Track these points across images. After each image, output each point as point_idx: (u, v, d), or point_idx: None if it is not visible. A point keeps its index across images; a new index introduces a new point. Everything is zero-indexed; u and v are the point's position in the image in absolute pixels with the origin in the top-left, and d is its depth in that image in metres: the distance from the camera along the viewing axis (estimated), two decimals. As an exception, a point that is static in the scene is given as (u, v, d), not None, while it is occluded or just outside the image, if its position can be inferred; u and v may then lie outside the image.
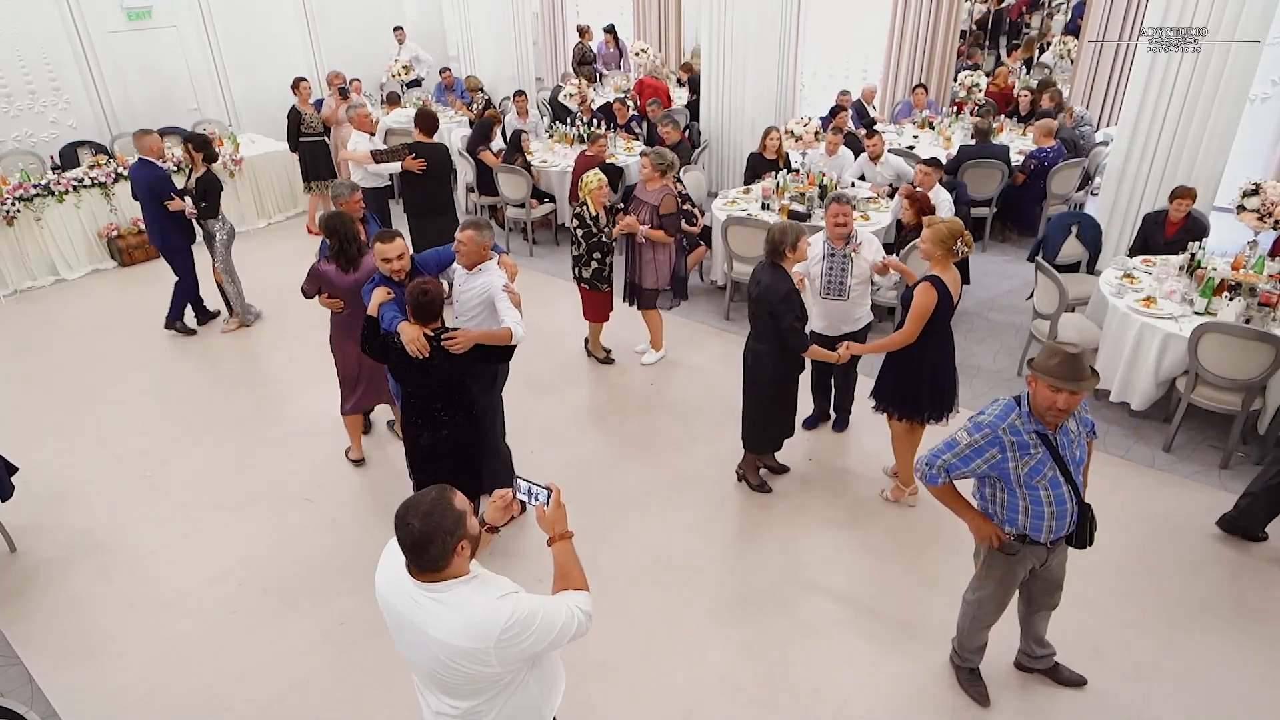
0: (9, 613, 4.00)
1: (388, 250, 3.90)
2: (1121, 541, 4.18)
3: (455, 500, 2.03)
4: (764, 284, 4.10)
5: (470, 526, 2.04)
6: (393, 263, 3.91)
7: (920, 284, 3.93)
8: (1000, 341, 6.23)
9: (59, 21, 9.12)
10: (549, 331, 6.66)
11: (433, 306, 3.57)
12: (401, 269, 3.94)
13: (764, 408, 4.42)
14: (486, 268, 4.19)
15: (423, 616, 2.04)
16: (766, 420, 4.46)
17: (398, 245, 3.93)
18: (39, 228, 7.76)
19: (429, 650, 2.06)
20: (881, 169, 7.34)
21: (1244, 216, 5.69)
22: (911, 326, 3.95)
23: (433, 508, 1.98)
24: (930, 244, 3.87)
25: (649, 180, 5.63)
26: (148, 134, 6.34)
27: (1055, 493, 2.85)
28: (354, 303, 4.42)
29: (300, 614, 3.94)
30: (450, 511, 1.99)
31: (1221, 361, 4.53)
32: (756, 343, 4.31)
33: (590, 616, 2.18)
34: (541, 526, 2.31)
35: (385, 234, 3.97)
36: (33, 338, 6.88)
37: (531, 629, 2.04)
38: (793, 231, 4.05)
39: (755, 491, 4.65)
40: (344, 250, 4.43)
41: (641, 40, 13.12)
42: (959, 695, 3.41)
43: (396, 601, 2.09)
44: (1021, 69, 11.83)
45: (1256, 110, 8.10)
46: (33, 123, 9.23)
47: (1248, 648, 3.59)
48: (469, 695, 2.12)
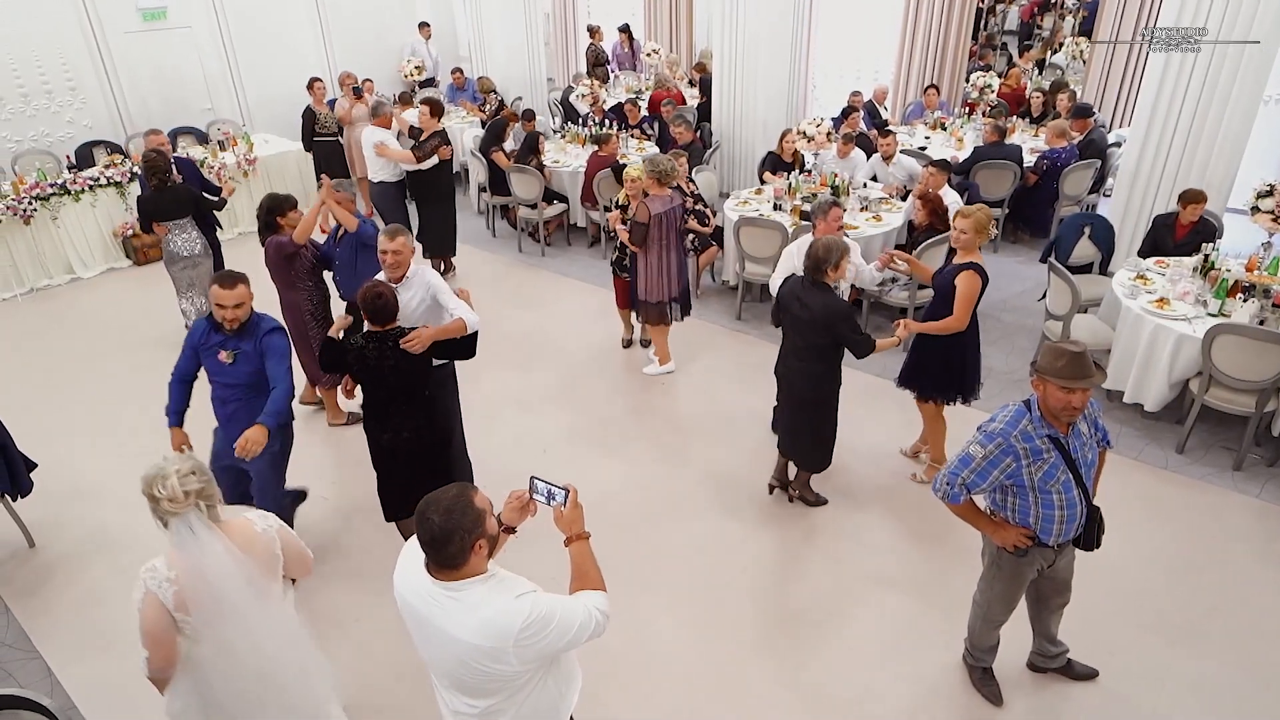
0: (29, 607, 4.05)
1: (225, 297, 3.52)
2: (1135, 543, 4.17)
3: (475, 499, 2.04)
4: (816, 306, 3.98)
5: (489, 526, 2.05)
6: (227, 310, 3.54)
7: (964, 272, 4.11)
8: (1012, 343, 6.22)
9: (75, 22, 9.21)
10: (560, 332, 6.69)
11: (388, 307, 3.59)
12: (235, 319, 3.56)
13: (819, 426, 4.31)
14: (414, 272, 4.14)
15: (441, 616, 2.05)
16: (827, 437, 4.34)
17: (237, 293, 3.53)
18: (55, 226, 7.84)
19: (447, 650, 2.07)
20: (894, 170, 7.34)
21: (1258, 218, 5.66)
22: (962, 312, 4.12)
23: (453, 504, 2.00)
24: (972, 232, 4.09)
25: (651, 190, 5.46)
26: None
27: (1067, 496, 2.85)
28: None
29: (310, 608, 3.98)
30: (470, 509, 2.01)
31: (1235, 363, 4.51)
32: (805, 362, 4.16)
33: (607, 616, 2.20)
34: (559, 526, 2.33)
35: (225, 278, 3.55)
36: (50, 335, 6.95)
37: (550, 628, 2.05)
38: (837, 249, 3.96)
39: (813, 506, 4.55)
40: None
41: (653, 41, 13.14)
42: (972, 694, 3.41)
43: (415, 601, 2.11)
44: (1034, 70, 11.79)
45: (1270, 111, 8.05)
46: (49, 122, 9.32)
47: (1259, 649, 3.58)
48: (487, 694, 2.14)
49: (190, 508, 2.35)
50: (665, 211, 5.46)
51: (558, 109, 11.26)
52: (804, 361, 4.17)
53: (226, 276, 3.56)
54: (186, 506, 2.34)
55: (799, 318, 4.08)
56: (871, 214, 6.57)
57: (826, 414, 4.29)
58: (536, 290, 7.56)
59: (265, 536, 2.59)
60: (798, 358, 4.20)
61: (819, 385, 4.21)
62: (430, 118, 6.97)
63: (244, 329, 3.62)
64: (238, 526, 2.54)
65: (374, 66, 11.24)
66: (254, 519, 2.62)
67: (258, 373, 3.65)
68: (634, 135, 9.03)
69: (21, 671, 3.67)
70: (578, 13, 13.95)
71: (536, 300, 7.33)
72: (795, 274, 4.27)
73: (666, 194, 5.48)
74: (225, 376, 3.68)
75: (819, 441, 4.35)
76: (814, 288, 4.01)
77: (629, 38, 13.51)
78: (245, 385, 3.68)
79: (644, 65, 12.73)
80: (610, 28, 13.62)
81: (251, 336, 3.64)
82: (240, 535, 2.51)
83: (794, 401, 4.33)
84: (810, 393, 4.23)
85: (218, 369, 3.68)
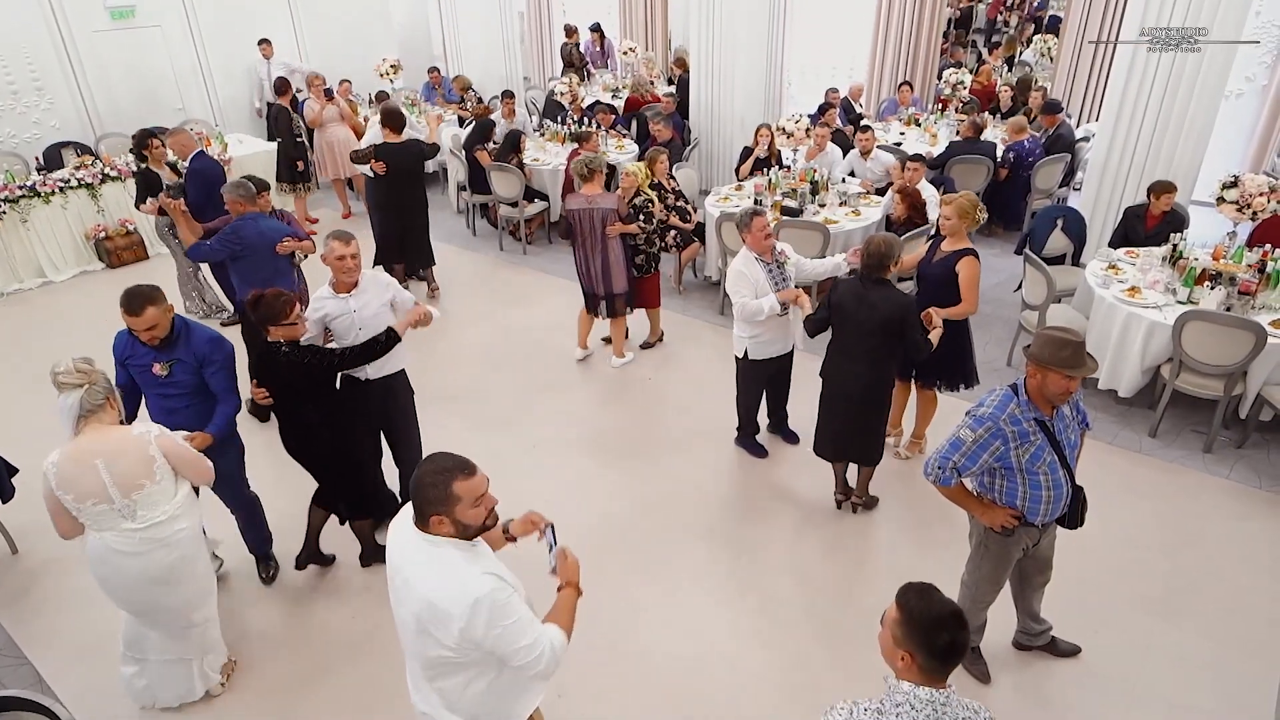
0: (15, 613, 4.00)
1: (132, 324, 3.35)
2: (1113, 524, 4.30)
3: (457, 481, 2.07)
4: (885, 303, 3.86)
5: (459, 511, 2.08)
6: (141, 334, 3.40)
7: (964, 258, 4.20)
8: (990, 333, 6.35)
9: (41, 21, 9.02)
10: (543, 329, 6.70)
11: (272, 308, 3.45)
12: (154, 338, 3.40)
13: (879, 419, 4.25)
14: (365, 280, 3.92)
15: (410, 566, 2.13)
16: (882, 425, 4.30)
17: (145, 319, 3.33)
18: (25, 230, 7.69)
19: (409, 606, 2.13)
20: (871, 165, 7.45)
21: (1223, 208, 5.84)
22: (973, 295, 4.20)
23: (438, 473, 2.07)
24: (957, 217, 4.21)
25: (589, 187, 5.49)
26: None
27: (1053, 477, 2.95)
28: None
29: (306, 607, 3.98)
30: (446, 486, 2.06)
31: (1204, 348, 4.67)
32: (867, 366, 4.03)
33: (556, 659, 2.19)
34: (559, 572, 2.40)
35: (131, 302, 3.33)
36: (22, 339, 6.82)
37: (503, 622, 2.06)
38: (897, 244, 3.90)
39: (871, 509, 4.52)
40: None
41: (629, 39, 13.18)
42: (960, 673, 3.49)
43: (396, 552, 2.20)
44: (1003, 67, 12.02)
45: (1232, 105, 8.31)
46: (15, 124, 9.11)
47: (1235, 623, 3.72)
48: (435, 675, 2.21)
49: (73, 389, 2.86)
50: (579, 210, 5.48)
51: (534, 108, 11.26)
52: (866, 365, 4.04)
53: (134, 300, 3.31)
54: (73, 379, 2.86)
55: (863, 320, 3.93)
56: (850, 209, 6.67)
57: (883, 405, 4.25)
58: (518, 289, 7.56)
59: (140, 439, 2.96)
60: (862, 362, 4.04)
61: (882, 387, 4.13)
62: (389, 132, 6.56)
63: (173, 340, 3.47)
64: (113, 431, 2.95)
65: (348, 64, 11.15)
66: (135, 426, 3.02)
67: (199, 375, 3.53)
68: (613, 134, 9.06)
69: (11, 677, 3.62)
70: (552, 11, 13.95)
71: (518, 298, 7.33)
72: (838, 277, 4.25)
73: (595, 193, 5.47)
74: (166, 388, 3.53)
75: (880, 433, 4.27)
76: (877, 286, 3.90)
77: (600, 36, 13.55)
78: (190, 392, 3.55)
79: (620, 64, 12.77)
80: (586, 27, 13.64)
81: (184, 344, 3.49)
82: (113, 438, 2.92)
83: (854, 403, 4.15)
84: (877, 392, 4.14)
85: (154, 381, 3.52)
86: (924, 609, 1.89)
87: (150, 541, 3.00)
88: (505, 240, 8.50)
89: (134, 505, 2.95)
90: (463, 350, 6.51)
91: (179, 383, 3.52)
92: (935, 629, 1.86)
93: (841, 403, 4.18)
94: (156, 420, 3.47)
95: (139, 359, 3.51)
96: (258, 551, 4.15)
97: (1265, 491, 4.55)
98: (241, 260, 4.93)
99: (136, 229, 8.31)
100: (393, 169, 6.48)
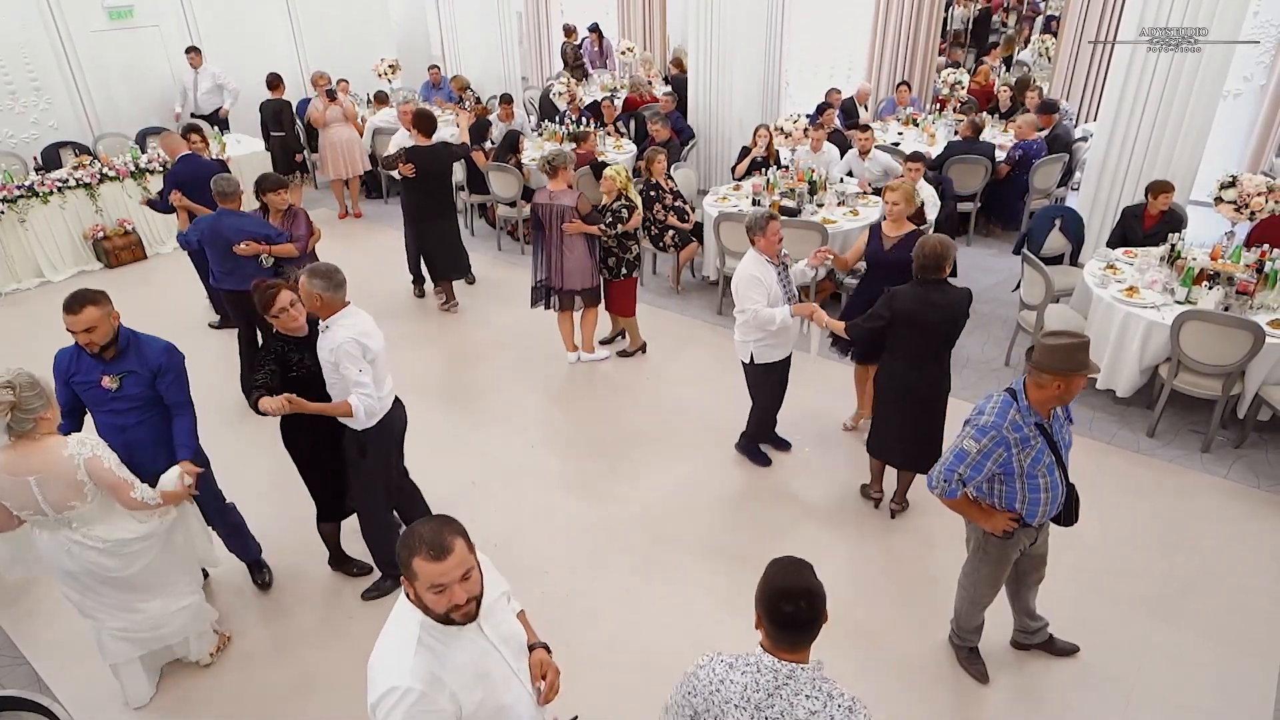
0: (12, 614, 3.99)
1: (71, 322, 3.20)
2: (1111, 523, 4.31)
3: (418, 558, 1.83)
4: (948, 302, 3.86)
5: (418, 588, 1.86)
6: (79, 336, 3.23)
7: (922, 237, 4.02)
8: (988, 333, 6.36)
9: (39, 21, 9.02)
10: (543, 329, 6.70)
11: (259, 299, 3.50)
12: (93, 343, 3.24)
13: (943, 423, 4.19)
14: (333, 321, 3.43)
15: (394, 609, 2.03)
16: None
17: (84, 318, 3.18)
18: (23, 230, 7.69)
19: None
20: (869, 165, 7.45)
21: (1221, 208, 5.85)
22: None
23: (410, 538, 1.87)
24: (904, 202, 4.53)
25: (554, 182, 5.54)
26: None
27: (1051, 478, 2.95)
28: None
29: (301, 610, 3.98)
30: (409, 556, 1.85)
31: (1202, 348, 4.67)
32: (937, 366, 4.05)
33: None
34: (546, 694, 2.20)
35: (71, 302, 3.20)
36: (20, 340, 6.81)
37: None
38: (952, 245, 3.87)
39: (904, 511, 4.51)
40: None
41: (627, 39, 13.19)
42: (959, 673, 3.51)
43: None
44: (1001, 67, 12.02)
45: (1230, 105, 8.31)
46: (13, 124, 9.11)
47: (1233, 623, 3.72)
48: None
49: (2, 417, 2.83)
50: (542, 205, 5.60)
51: (533, 108, 11.26)
52: (935, 364, 4.05)
53: (74, 299, 3.18)
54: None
55: (933, 322, 3.91)
56: (848, 208, 6.68)
57: (946, 404, 4.19)
58: (516, 288, 7.55)
59: (69, 461, 2.94)
60: (932, 363, 4.05)
61: (948, 383, 4.13)
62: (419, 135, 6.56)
63: (120, 350, 3.31)
64: (46, 446, 2.94)
65: (347, 64, 11.15)
66: (69, 443, 2.99)
67: (153, 387, 3.37)
68: (610, 134, 9.07)
69: (9, 678, 3.62)
70: (550, 12, 13.96)
71: (517, 298, 7.32)
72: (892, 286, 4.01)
73: (559, 189, 5.54)
74: (117, 402, 3.34)
75: (939, 437, 4.21)
76: (935, 286, 3.88)
77: (599, 37, 13.55)
78: (142, 405, 3.37)
79: (619, 64, 12.77)
80: (584, 26, 13.65)
81: (135, 354, 3.34)
82: (44, 454, 2.92)
83: (929, 406, 4.13)
84: (945, 390, 4.12)
85: (102, 397, 3.32)
86: (780, 578, 2.00)
87: (96, 550, 3.10)
88: (504, 240, 8.49)
89: (68, 519, 3.03)
90: (461, 350, 6.51)
91: (130, 396, 3.34)
92: (781, 598, 1.95)
93: (916, 406, 4.11)
94: (105, 437, 3.29)
95: (85, 374, 3.32)
96: (247, 559, 4.12)
97: (1263, 491, 4.56)
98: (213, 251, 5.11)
99: (135, 229, 8.31)
100: (421, 172, 6.51)
